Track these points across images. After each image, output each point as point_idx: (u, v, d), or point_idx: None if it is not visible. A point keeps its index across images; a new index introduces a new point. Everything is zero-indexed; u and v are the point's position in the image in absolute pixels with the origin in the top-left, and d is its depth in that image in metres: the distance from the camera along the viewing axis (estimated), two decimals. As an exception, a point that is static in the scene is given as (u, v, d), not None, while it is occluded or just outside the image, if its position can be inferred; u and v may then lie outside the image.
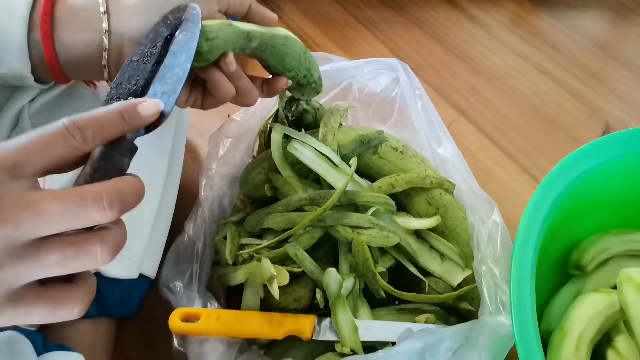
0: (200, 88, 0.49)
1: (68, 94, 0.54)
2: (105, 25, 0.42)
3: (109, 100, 0.38)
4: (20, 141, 0.27)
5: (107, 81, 0.45)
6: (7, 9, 0.40)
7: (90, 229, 0.28)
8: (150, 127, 0.34)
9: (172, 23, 0.43)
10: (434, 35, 0.98)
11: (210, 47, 0.43)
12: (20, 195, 0.26)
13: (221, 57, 0.45)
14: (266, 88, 0.51)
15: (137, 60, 0.41)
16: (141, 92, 0.38)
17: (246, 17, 0.49)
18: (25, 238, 0.26)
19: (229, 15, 0.48)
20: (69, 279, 0.29)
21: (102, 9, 0.42)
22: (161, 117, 0.34)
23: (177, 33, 0.42)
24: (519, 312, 0.42)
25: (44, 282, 0.28)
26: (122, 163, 0.32)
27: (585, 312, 0.49)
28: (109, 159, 0.31)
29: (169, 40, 0.41)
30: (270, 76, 0.53)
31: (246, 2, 0.47)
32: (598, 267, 0.56)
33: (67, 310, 0.28)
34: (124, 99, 0.37)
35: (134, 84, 0.39)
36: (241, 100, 0.49)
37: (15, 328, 0.44)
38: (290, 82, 0.52)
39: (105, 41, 0.42)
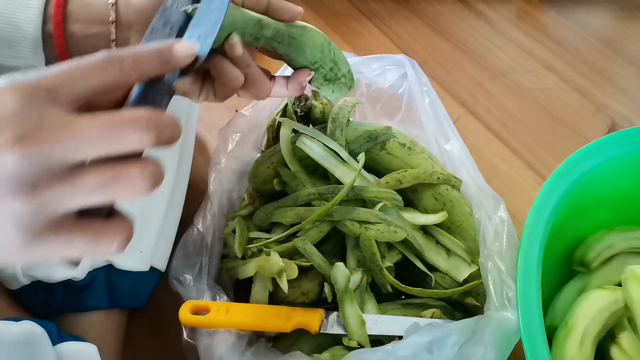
0: (211, 80, 0.46)
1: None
2: (112, 16, 0.42)
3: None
4: (59, 68, 0.28)
5: None
6: (22, 2, 0.40)
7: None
8: (185, 71, 0.34)
9: None
10: (439, 30, 0.98)
11: None
12: (58, 116, 0.26)
13: (225, 39, 0.41)
14: (290, 85, 0.48)
15: (170, 6, 0.40)
16: (177, 37, 0.38)
17: (266, 14, 0.44)
18: (64, 159, 0.25)
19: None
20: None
21: (110, 0, 0.42)
22: (196, 61, 0.34)
23: None
24: (525, 307, 0.43)
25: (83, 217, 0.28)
26: (161, 103, 0.32)
27: (589, 309, 0.50)
28: (147, 98, 0.31)
29: None
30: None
31: None
32: (602, 264, 0.57)
33: (107, 243, 0.28)
34: None
35: (170, 29, 0.38)
36: (250, 89, 0.46)
37: (34, 315, 0.44)
38: (312, 74, 0.48)
39: (113, 33, 0.42)
